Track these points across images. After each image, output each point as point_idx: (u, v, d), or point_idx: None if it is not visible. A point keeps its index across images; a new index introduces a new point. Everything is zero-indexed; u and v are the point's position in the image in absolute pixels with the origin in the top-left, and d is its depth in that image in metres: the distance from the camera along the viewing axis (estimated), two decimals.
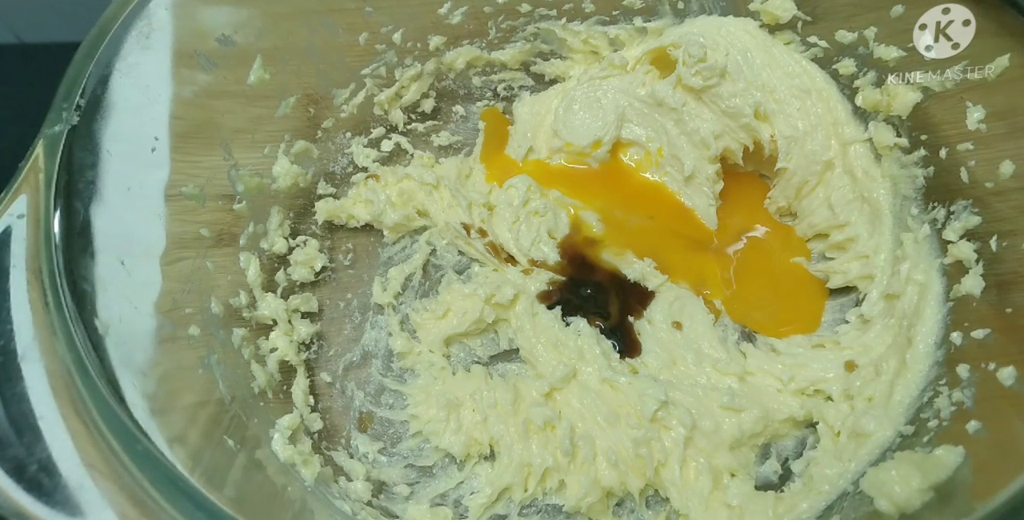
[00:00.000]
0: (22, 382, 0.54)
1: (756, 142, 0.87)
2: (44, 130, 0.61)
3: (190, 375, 0.68)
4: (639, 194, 0.93)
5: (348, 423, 0.82)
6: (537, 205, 0.90)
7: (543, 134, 0.96)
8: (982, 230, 0.72)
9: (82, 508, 0.51)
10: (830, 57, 0.85)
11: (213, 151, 0.77)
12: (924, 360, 0.71)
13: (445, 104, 1.00)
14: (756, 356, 0.81)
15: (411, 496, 0.77)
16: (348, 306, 0.89)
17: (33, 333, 0.55)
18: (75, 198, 0.61)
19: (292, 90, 0.85)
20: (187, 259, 0.72)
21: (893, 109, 0.79)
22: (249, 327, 0.78)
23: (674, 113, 0.89)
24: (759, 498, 0.71)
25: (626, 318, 0.85)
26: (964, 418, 0.63)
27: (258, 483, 0.67)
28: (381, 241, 0.93)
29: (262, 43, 0.80)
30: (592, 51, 0.96)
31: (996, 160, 0.70)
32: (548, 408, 0.77)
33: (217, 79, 0.76)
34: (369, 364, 0.85)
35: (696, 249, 0.90)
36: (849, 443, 0.71)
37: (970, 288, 0.70)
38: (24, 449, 0.52)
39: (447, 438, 0.78)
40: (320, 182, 0.92)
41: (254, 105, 0.81)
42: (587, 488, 0.73)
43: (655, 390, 0.76)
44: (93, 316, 0.58)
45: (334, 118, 0.91)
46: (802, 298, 0.87)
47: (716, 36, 0.86)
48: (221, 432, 0.66)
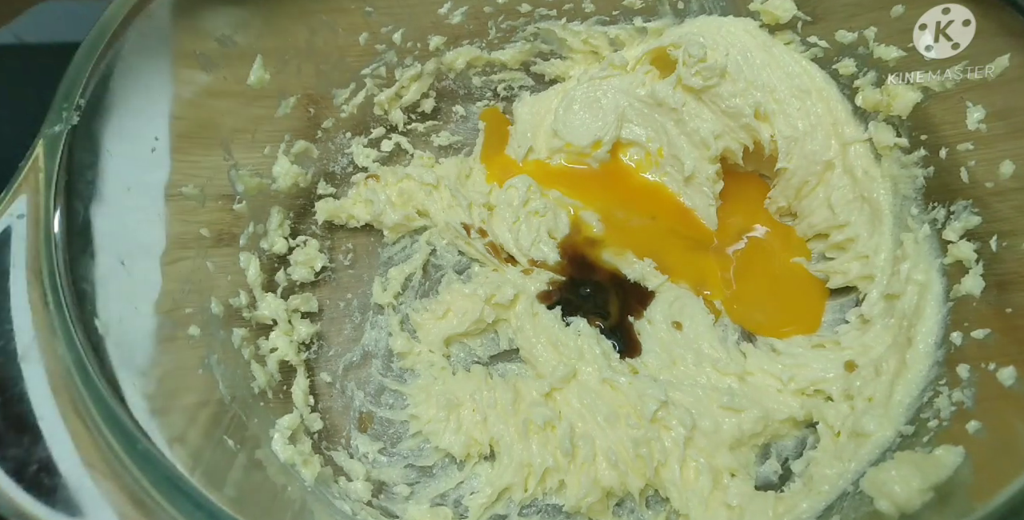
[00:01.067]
0: (22, 382, 0.54)
1: (756, 142, 0.87)
2: (44, 130, 0.61)
3: (190, 375, 0.68)
4: (639, 194, 0.93)
5: (348, 423, 0.82)
6: (537, 205, 0.90)
7: (543, 134, 0.96)
8: (982, 230, 0.72)
9: (82, 508, 0.51)
10: (830, 57, 0.85)
11: (213, 151, 0.77)
12: (924, 360, 0.71)
13: (445, 104, 1.00)
14: (756, 356, 0.81)
15: (411, 496, 0.77)
16: (348, 306, 0.89)
17: (33, 333, 0.55)
18: (75, 198, 0.60)
19: (292, 90, 0.85)
20: (187, 259, 0.72)
21: (893, 109, 0.79)
22: (249, 327, 0.78)
23: (674, 113, 0.89)
24: (759, 498, 0.71)
25: (626, 318, 0.85)
26: (964, 418, 0.64)
27: (258, 483, 0.67)
28: (381, 241, 0.93)
29: (262, 43, 0.80)
30: (592, 51, 0.96)
31: (996, 160, 0.70)
32: (548, 408, 0.77)
33: (217, 79, 0.76)
34: (369, 364, 0.85)
35: (696, 249, 0.90)
36: (849, 443, 0.71)
37: (970, 288, 0.70)
38: (24, 449, 0.52)
39: (447, 438, 0.78)
40: (320, 182, 0.92)
41: (254, 105, 0.81)
42: (587, 488, 0.73)
43: (655, 390, 0.76)
44: (93, 316, 0.58)
45: (334, 118, 0.91)
46: (802, 298, 0.87)
47: (716, 36, 0.86)
48: (221, 432, 0.66)
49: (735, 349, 0.83)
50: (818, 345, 0.81)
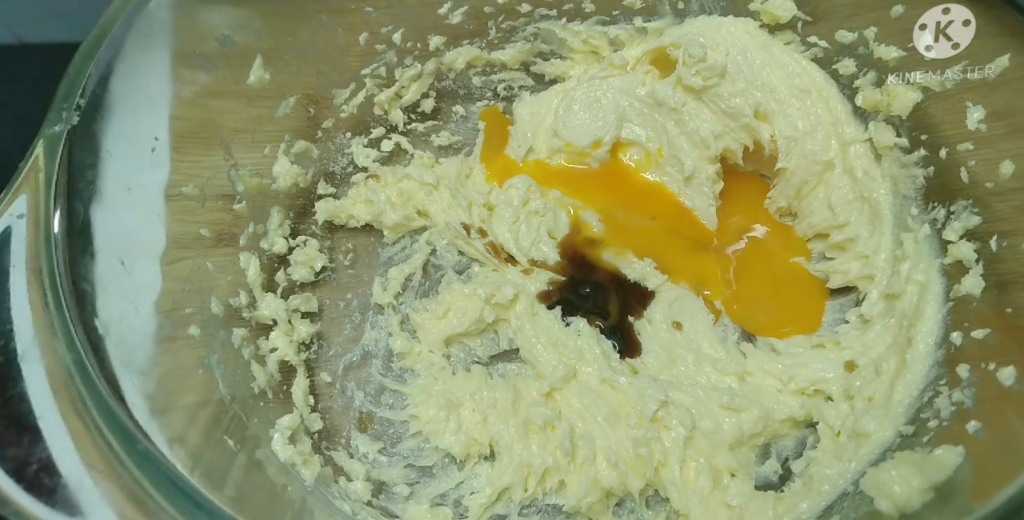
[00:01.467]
0: (22, 382, 0.54)
1: (756, 142, 0.87)
2: (44, 130, 0.61)
3: (190, 375, 0.68)
4: (639, 194, 0.93)
5: (348, 423, 0.82)
6: (537, 205, 0.90)
7: (543, 134, 0.96)
8: (982, 230, 0.72)
9: (82, 508, 0.51)
10: (830, 57, 0.85)
11: (213, 151, 0.77)
12: (924, 360, 0.71)
13: (445, 104, 1.00)
14: (756, 356, 0.81)
15: (411, 496, 0.77)
16: (348, 306, 0.89)
17: (33, 333, 0.55)
18: (75, 198, 0.61)
19: (292, 90, 0.85)
20: (187, 259, 0.72)
21: (893, 109, 0.79)
22: (249, 327, 0.78)
23: (674, 113, 0.89)
24: (759, 498, 0.71)
25: (626, 318, 0.85)
26: (964, 418, 0.64)
27: (258, 483, 0.67)
28: (381, 241, 0.93)
29: (262, 43, 0.80)
30: (592, 51, 0.96)
31: (996, 160, 0.70)
32: (548, 408, 0.77)
33: (217, 79, 0.76)
34: (369, 364, 0.85)
35: (696, 249, 0.90)
36: (849, 443, 0.71)
37: (970, 288, 0.70)
38: (24, 449, 0.52)
39: (447, 438, 0.78)
40: (320, 182, 0.92)
41: (254, 105, 0.81)
42: (587, 488, 0.73)
43: (655, 390, 0.76)
44: (93, 316, 0.58)
45: (334, 118, 0.91)
46: (802, 298, 0.87)
47: (716, 36, 0.86)
48: (221, 432, 0.66)
49: (735, 349, 0.83)
50: (818, 345, 0.81)
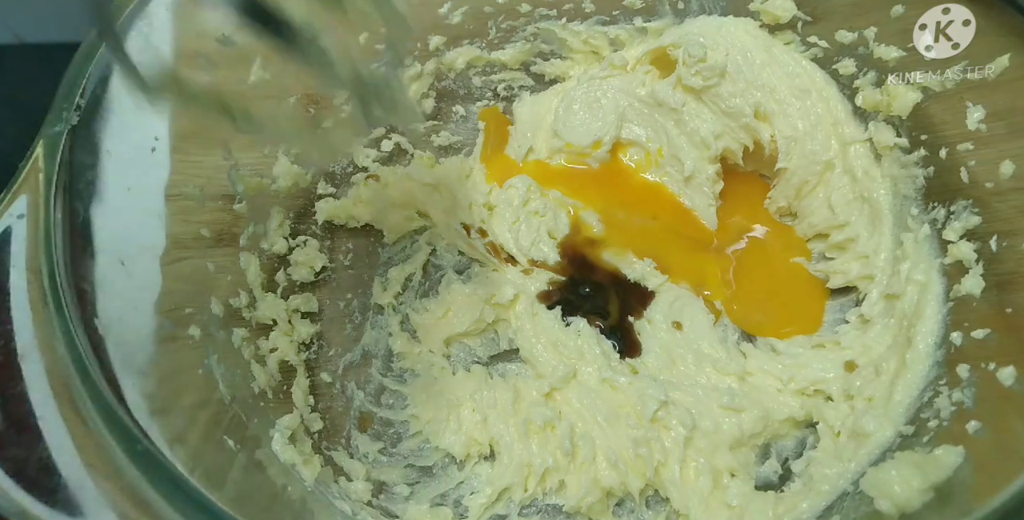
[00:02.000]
0: (22, 382, 0.54)
1: (756, 142, 0.87)
2: (44, 130, 0.61)
3: (190, 375, 0.68)
4: (639, 194, 0.93)
5: (348, 423, 0.82)
6: (537, 205, 0.90)
7: (543, 134, 0.96)
8: (982, 230, 0.72)
9: (82, 508, 0.51)
10: (830, 57, 0.85)
11: (213, 151, 0.77)
12: (924, 360, 0.71)
13: (445, 104, 1.00)
14: (756, 356, 0.81)
15: (411, 496, 0.77)
16: (348, 306, 0.89)
17: (33, 333, 0.55)
18: (75, 198, 0.61)
19: (292, 90, 0.84)
20: (187, 259, 0.72)
21: (893, 109, 0.79)
22: (249, 327, 0.78)
23: (674, 113, 0.89)
24: (759, 498, 0.71)
25: (626, 318, 0.85)
26: (964, 418, 0.63)
27: (258, 483, 0.67)
28: (381, 241, 0.93)
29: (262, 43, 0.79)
30: (592, 51, 0.96)
31: (996, 160, 0.70)
32: (548, 408, 0.77)
33: (217, 79, 0.76)
34: (369, 364, 0.85)
35: (696, 249, 0.90)
36: (849, 443, 0.71)
37: (970, 288, 0.70)
38: (24, 449, 0.52)
39: (447, 438, 0.78)
40: (320, 182, 0.92)
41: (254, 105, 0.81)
42: (587, 488, 0.73)
43: (655, 390, 0.76)
44: (93, 316, 0.58)
45: (334, 118, 0.91)
46: (802, 298, 0.87)
47: (716, 36, 0.86)
48: (221, 432, 0.66)
49: (735, 349, 0.83)
50: (818, 345, 0.81)
